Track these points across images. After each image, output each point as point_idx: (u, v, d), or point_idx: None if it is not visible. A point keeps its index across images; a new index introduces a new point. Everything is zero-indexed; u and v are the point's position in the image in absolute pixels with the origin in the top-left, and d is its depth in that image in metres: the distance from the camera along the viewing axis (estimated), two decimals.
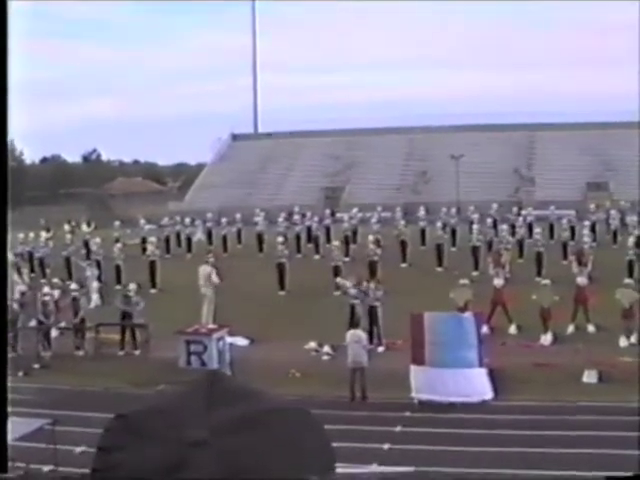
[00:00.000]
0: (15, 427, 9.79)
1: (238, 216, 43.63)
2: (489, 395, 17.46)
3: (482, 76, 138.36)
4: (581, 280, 23.39)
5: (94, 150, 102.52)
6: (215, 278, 24.43)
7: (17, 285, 25.87)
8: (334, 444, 1.16)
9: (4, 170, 2.55)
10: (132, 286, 23.65)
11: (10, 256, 28.23)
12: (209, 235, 42.87)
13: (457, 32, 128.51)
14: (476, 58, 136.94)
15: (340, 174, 63.87)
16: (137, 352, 22.29)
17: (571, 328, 22.55)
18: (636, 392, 15.93)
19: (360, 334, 18.53)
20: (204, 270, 24.96)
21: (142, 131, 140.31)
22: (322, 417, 1.23)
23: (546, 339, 21.81)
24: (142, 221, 42.40)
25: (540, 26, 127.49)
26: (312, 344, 21.99)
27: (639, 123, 56.10)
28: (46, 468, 13.55)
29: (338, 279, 26.21)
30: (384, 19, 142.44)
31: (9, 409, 2.57)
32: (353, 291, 22.74)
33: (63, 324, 23.39)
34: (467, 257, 32.70)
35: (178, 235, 42.60)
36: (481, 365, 17.56)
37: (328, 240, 38.30)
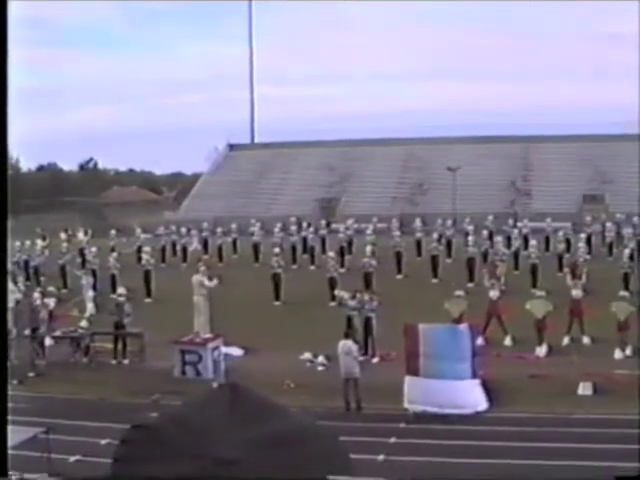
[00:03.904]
0: (9, 435, 9.71)
1: (234, 226, 43.65)
2: (483, 406, 17.43)
3: (479, 88, 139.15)
4: (576, 292, 23.41)
5: (91, 159, 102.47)
6: (208, 282, 24.17)
7: (12, 293, 25.80)
8: None
9: (4, 179, 2.57)
10: (120, 290, 23.41)
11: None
12: (205, 245, 42.83)
13: (455, 44, 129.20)
14: (473, 70, 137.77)
15: (336, 185, 63.89)
16: (132, 361, 22.21)
17: (566, 340, 22.56)
18: (631, 404, 15.93)
19: (350, 345, 18.44)
20: (196, 279, 24.89)
21: (138, 140, 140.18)
22: None
23: (541, 351, 21.82)
24: (138, 230, 42.34)
25: (538, 37, 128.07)
26: (307, 355, 21.96)
27: (638, 135, 56.08)
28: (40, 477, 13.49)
29: (337, 291, 26.19)
30: (382, 31, 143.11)
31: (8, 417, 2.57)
32: (352, 303, 22.72)
33: (58, 332, 23.31)
34: (462, 268, 32.71)
35: (174, 244, 42.59)
36: (475, 376, 17.55)
37: (324, 251, 38.30)
